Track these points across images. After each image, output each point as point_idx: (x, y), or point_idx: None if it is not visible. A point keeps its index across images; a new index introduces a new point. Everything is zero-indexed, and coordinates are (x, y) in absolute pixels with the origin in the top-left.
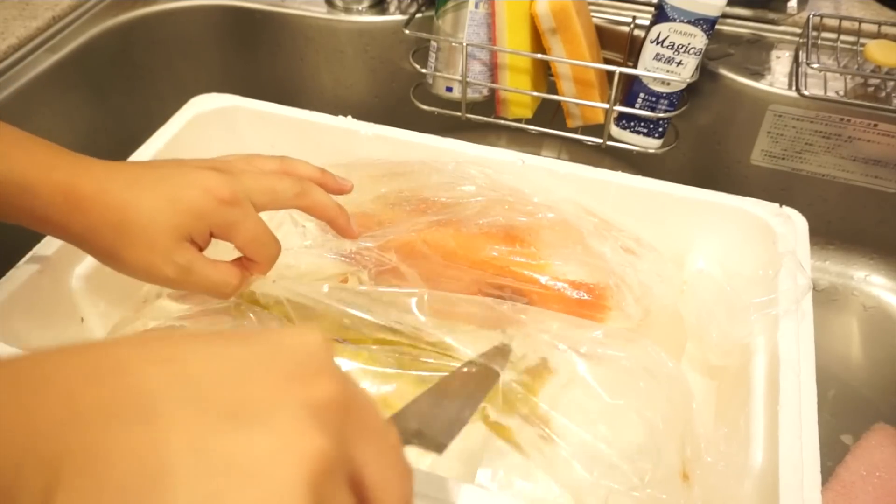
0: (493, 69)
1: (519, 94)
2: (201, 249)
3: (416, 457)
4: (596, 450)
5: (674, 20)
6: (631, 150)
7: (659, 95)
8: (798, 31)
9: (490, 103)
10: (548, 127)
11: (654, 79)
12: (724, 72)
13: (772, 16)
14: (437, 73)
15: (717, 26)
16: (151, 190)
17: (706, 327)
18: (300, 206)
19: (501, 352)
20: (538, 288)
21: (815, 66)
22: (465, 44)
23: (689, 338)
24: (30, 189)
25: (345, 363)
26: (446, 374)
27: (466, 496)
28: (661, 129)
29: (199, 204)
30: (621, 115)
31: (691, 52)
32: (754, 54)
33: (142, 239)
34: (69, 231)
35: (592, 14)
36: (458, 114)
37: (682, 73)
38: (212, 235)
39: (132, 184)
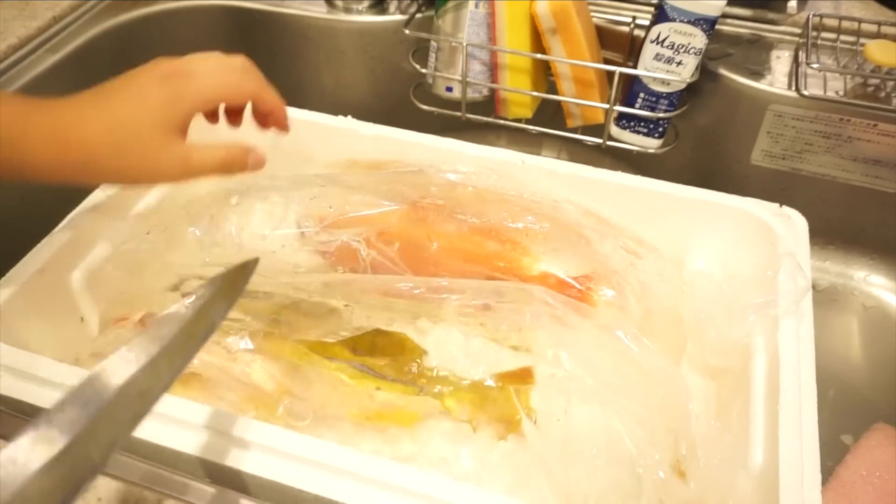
0: (493, 69)
1: (519, 94)
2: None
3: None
4: (581, 445)
5: (674, 20)
6: (631, 150)
7: (659, 95)
8: (798, 31)
9: (490, 103)
10: (548, 127)
11: (654, 79)
12: (724, 72)
13: (772, 16)
14: (437, 73)
15: (717, 26)
16: (122, 101)
17: (705, 328)
18: (257, 94)
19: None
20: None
21: (815, 66)
22: (465, 44)
23: (688, 338)
24: (17, 140)
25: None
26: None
27: (459, 494)
28: (661, 129)
29: (163, 93)
30: (621, 115)
31: (691, 52)
32: (754, 54)
33: (135, 147)
34: (66, 169)
35: (592, 14)
36: (458, 114)
37: (682, 73)
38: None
39: (103, 104)
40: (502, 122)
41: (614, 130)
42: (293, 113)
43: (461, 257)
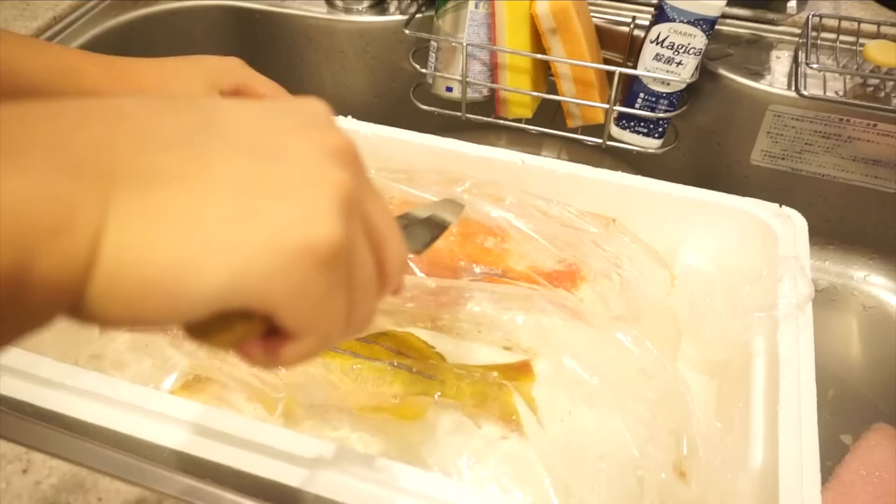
0: (493, 69)
1: (519, 94)
2: None
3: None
4: (583, 442)
5: (674, 20)
6: (631, 150)
7: (659, 95)
8: (797, 31)
9: (490, 103)
10: (548, 127)
11: (654, 79)
12: (723, 72)
13: (771, 16)
14: (437, 73)
15: (716, 26)
16: (174, 59)
17: (705, 327)
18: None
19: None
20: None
21: (815, 66)
22: (465, 44)
23: (686, 337)
24: (73, 69)
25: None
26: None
27: (459, 494)
28: (660, 129)
29: (216, 60)
30: (621, 115)
31: (691, 52)
32: (754, 54)
33: (181, 88)
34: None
35: (592, 14)
36: (458, 114)
37: (682, 74)
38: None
39: (156, 61)
40: (502, 122)
41: (614, 130)
42: None
43: (448, 255)
